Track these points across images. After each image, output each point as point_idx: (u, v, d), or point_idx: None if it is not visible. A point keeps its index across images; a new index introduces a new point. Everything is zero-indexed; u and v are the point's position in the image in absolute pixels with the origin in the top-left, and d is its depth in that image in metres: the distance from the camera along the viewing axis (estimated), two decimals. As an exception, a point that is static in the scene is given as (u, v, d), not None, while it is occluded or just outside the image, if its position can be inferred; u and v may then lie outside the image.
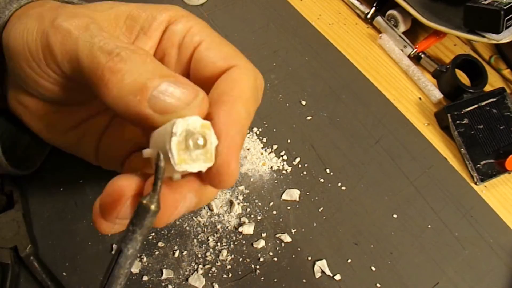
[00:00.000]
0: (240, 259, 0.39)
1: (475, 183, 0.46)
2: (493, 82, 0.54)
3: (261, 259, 0.39)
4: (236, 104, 0.23)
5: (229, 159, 0.21)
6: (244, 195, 0.42)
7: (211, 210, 0.41)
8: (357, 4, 0.57)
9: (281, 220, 0.41)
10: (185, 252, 0.39)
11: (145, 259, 0.38)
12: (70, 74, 0.25)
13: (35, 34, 0.25)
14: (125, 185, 0.21)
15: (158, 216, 0.20)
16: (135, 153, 0.30)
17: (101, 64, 0.22)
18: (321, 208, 0.43)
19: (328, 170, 0.45)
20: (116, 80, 0.21)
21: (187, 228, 0.40)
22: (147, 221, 0.20)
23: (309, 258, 0.40)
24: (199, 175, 0.22)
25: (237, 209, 0.41)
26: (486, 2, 0.47)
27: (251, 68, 0.26)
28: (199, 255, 0.39)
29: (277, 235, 0.40)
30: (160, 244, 0.39)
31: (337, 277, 0.39)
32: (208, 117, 0.22)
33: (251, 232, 0.40)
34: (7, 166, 0.32)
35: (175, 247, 0.39)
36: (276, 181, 0.43)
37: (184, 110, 0.21)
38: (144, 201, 0.20)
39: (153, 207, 0.20)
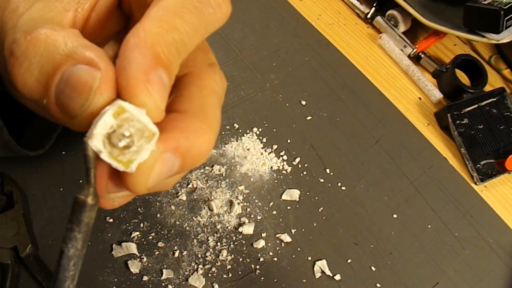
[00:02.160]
0: (240, 259, 0.39)
1: (475, 183, 0.46)
2: (493, 82, 0.54)
3: (261, 259, 0.39)
4: (145, 20, 0.18)
5: (133, 90, 0.17)
6: (244, 195, 0.42)
7: (211, 210, 0.41)
8: (357, 4, 0.57)
9: (281, 220, 0.41)
10: (185, 252, 0.39)
11: (145, 259, 0.38)
12: None
13: None
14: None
15: (132, 182, 0.18)
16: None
17: (7, 65, 0.19)
18: (321, 208, 0.43)
19: (328, 170, 0.45)
20: (20, 86, 0.19)
21: (187, 228, 0.40)
22: (84, 216, 0.18)
23: (309, 258, 0.40)
24: (173, 125, 0.19)
25: (237, 209, 0.41)
26: (486, 2, 0.47)
27: None
28: (199, 255, 0.39)
29: (277, 235, 0.40)
30: (160, 244, 0.39)
31: (337, 277, 0.39)
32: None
33: (251, 232, 0.40)
34: (15, 146, 0.30)
35: (175, 247, 0.39)
36: (276, 181, 0.43)
37: (88, 105, 0.17)
38: (79, 196, 0.18)
39: (89, 200, 0.18)
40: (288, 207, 0.42)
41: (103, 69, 0.18)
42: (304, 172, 0.44)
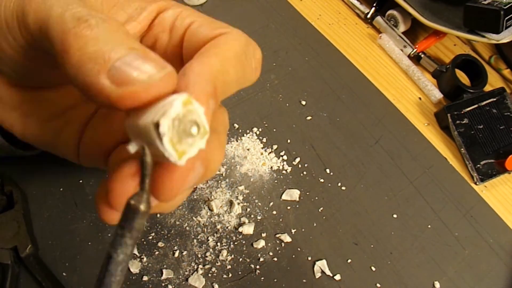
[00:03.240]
0: (240, 259, 0.39)
1: (475, 183, 0.46)
2: (493, 82, 0.54)
3: (261, 259, 0.39)
4: (211, 57, 0.21)
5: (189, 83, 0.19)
6: (244, 195, 0.42)
7: (211, 210, 0.41)
8: (357, 4, 0.57)
9: (281, 220, 0.41)
10: (185, 252, 0.39)
11: (145, 259, 0.38)
12: (40, 44, 0.22)
13: (12, 5, 0.22)
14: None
15: (166, 188, 0.19)
16: (121, 145, 0.27)
17: (67, 29, 0.19)
18: (321, 208, 0.43)
19: (328, 170, 0.45)
20: (78, 47, 0.19)
21: (187, 228, 0.40)
22: (136, 223, 0.18)
23: (309, 258, 0.40)
24: None
25: (237, 209, 0.41)
26: (486, 2, 0.47)
27: (242, 34, 0.24)
28: (199, 255, 0.39)
29: (277, 235, 0.40)
30: (160, 244, 0.39)
31: (337, 277, 0.39)
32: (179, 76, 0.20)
33: (251, 232, 0.40)
34: (9, 146, 0.30)
35: (175, 247, 0.39)
36: (276, 181, 0.43)
37: (146, 83, 0.18)
38: (132, 202, 0.18)
39: (142, 207, 0.18)
40: (288, 207, 0.42)
41: (173, 71, 0.19)
42: (304, 172, 0.44)
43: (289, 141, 0.46)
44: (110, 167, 0.26)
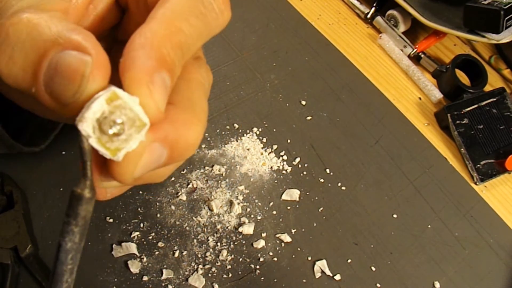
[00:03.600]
0: (240, 259, 0.39)
1: (475, 183, 0.46)
2: (493, 82, 0.54)
3: (261, 259, 0.39)
4: (152, 23, 0.18)
5: (136, 87, 0.17)
6: (244, 195, 0.42)
7: (211, 210, 0.41)
8: (357, 4, 0.57)
9: (281, 220, 0.41)
10: (185, 252, 0.39)
11: (145, 259, 0.38)
12: None
13: None
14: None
15: (118, 170, 0.18)
16: None
17: None
18: (321, 208, 0.43)
19: (328, 170, 0.45)
20: (4, 76, 0.18)
21: (187, 228, 0.40)
22: (81, 210, 0.17)
23: (309, 258, 0.40)
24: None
25: (237, 209, 0.41)
26: (486, 2, 0.47)
27: None
28: (199, 255, 0.39)
29: (277, 235, 0.40)
30: (160, 244, 0.39)
31: (337, 277, 0.39)
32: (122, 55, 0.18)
33: (251, 232, 0.40)
34: (8, 139, 0.29)
35: (175, 247, 0.39)
36: (276, 181, 0.43)
37: (79, 89, 0.17)
38: (76, 189, 0.17)
39: (86, 193, 0.17)
40: (288, 207, 0.42)
41: (94, 54, 0.17)
42: (304, 172, 0.44)
43: (289, 141, 0.46)
44: None
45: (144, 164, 0.18)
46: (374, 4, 0.56)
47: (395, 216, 0.43)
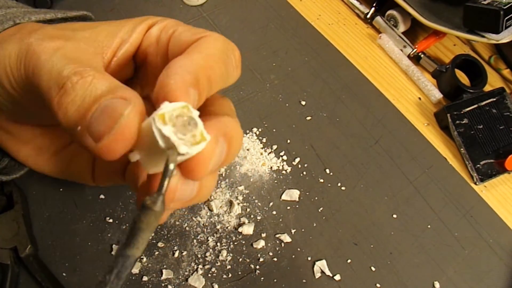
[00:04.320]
0: (240, 259, 0.39)
1: (475, 183, 0.46)
2: (493, 82, 0.54)
3: (261, 259, 0.39)
4: (194, 54, 0.23)
5: (168, 83, 0.21)
6: (244, 195, 0.42)
7: (210, 210, 0.41)
8: (357, 4, 0.57)
9: (281, 220, 0.41)
10: (184, 253, 0.39)
11: (144, 259, 0.38)
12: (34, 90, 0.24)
13: (13, 56, 0.24)
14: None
15: (197, 165, 0.20)
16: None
17: (52, 96, 0.22)
18: (321, 208, 0.43)
19: (328, 170, 0.45)
20: (62, 114, 0.21)
21: (187, 228, 0.40)
22: (150, 222, 0.19)
23: (309, 258, 0.40)
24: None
25: (237, 209, 0.41)
26: (485, 2, 0.47)
27: (220, 36, 0.25)
28: (199, 255, 0.39)
29: (277, 235, 0.40)
30: (160, 244, 0.39)
31: (337, 277, 0.39)
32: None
33: (251, 232, 0.40)
34: None
35: (175, 247, 0.39)
36: (276, 181, 0.43)
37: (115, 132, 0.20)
38: (148, 202, 0.19)
39: (156, 208, 0.19)
40: (288, 207, 0.42)
41: (135, 102, 0.20)
42: (304, 172, 0.44)
43: (289, 141, 0.46)
44: (129, 181, 0.28)
45: (215, 156, 0.21)
46: (374, 4, 0.56)
47: (395, 216, 0.43)
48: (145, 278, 0.37)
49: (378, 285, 0.40)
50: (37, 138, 0.30)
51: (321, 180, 0.44)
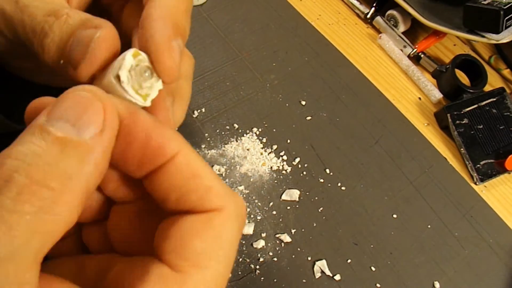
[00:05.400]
0: (240, 259, 0.39)
1: (475, 183, 0.46)
2: (493, 82, 0.54)
3: (261, 259, 0.39)
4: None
5: (157, 50, 0.21)
6: (244, 195, 0.42)
7: (211, 210, 0.41)
8: (357, 4, 0.57)
9: (281, 220, 0.41)
10: (185, 252, 0.39)
11: (145, 259, 0.38)
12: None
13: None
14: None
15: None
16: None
17: (33, 41, 0.23)
18: (321, 208, 0.43)
19: (328, 170, 0.45)
20: (46, 54, 0.22)
21: (187, 228, 0.40)
22: None
23: (309, 258, 0.40)
24: None
25: (237, 209, 0.41)
26: (485, 2, 0.47)
27: None
28: (199, 255, 0.39)
29: (277, 235, 0.40)
30: (160, 244, 0.39)
31: (337, 277, 0.39)
32: (140, 25, 0.23)
33: (251, 232, 0.40)
34: (2, 119, 0.32)
35: (175, 247, 0.39)
36: (276, 181, 0.43)
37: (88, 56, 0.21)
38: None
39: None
40: (288, 207, 0.42)
41: (106, 27, 0.21)
42: (304, 172, 0.44)
43: (289, 141, 0.46)
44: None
45: (175, 51, 0.22)
46: (374, 4, 0.56)
47: (395, 216, 0.43)
48: (145, 278, 0.37)
49: (378, 285, 0.39)
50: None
51: (321, 180, 0.44)
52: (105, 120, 0.17)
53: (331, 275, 0.39)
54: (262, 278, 0.38)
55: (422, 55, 0.53)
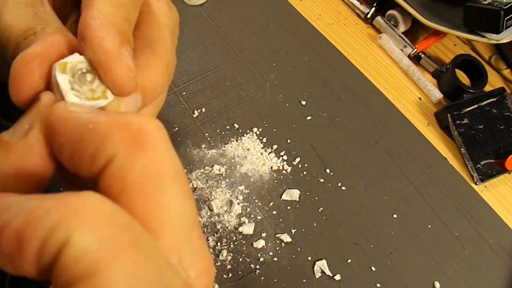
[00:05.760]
0: (240, 259, 0.39)
1: (475, 183, 0.46)
2: (493, 82, 0.54)
3: (261, 259, 0.39)
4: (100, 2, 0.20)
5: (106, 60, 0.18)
6: (244, 195, 0.42)
7: (211, 210, 0.41)
8: (357, 4, 0.57)
9: (281, 220, 0.41)
10: (185, 252, 0.39)
11: (145, 259, 0.38)
12: None
13: None
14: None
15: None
16: None
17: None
18: (321, 208, 0.43)
19: (328, 170, 0.45)
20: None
21: (187, 228, 0.40)
22: None
23: (309, 258, 0.40)
24: None
25: (237, 209, 0.41)
26: (486, 2, 0.47)
27: None
28: (199, 255, 0.39)
29: (277, 235, 0.40)
30: (160, 244, 0.39)
31: (337, 277, 0.39)
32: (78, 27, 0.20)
33: (251, 232, 0.40)
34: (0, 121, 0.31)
35: (175, 247, 0.39)
36: (276, 181, 0.43)
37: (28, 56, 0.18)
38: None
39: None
40: (288, 207, 0.42)
41: (38, 42, 0.19)
42: (304, 172, 0.44)
43: (289, 141, 0.46)
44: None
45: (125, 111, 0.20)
46: (374, 4, 0.56)
47: (395, 216, 0.43)
48: (145, 278, 0.37)
49: (378, 285, 0.40)
50: None
51: (321, 180, 0.44)
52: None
53: (331, 275, 0.39)
54: (262, 278, 0.38)
55: (422, 55, 0.53)
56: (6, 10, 0.21)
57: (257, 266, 0.39)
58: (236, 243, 0.40)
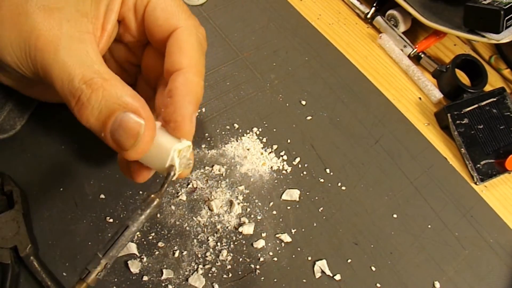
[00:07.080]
0: (240, 259, 0.39)
1: (475, 183, 0.46)
2: (493, 82, 0.54)
3: (261, 259, 0.39)
4: (188, 74, 0.30)
5: (183, 121, 0.29)
6: (244, 195, 0.42)
7: (211, 210, 0.41)
8: (357, 4, 0.57)
9: (281, 220, 0.41)
10: (185, 252, 0.39)
11: (145, 259, 0.38)
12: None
13: (15, 47, 0.27)
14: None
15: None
16: None
17: (72, 105, 0.27)
18: (321, 208, 0.43)
19: (328, 170, 0.45)
20: (84, 121, 0.27)
21: (187, 228, 0.40)
22: (151, 209, 0.27)
23: (309, 258, 0.40)
24: None
25: (237, 209, 0.41)
26: (486, 2, 0.47)
27: (191, 25, 0.31)
28: (199, 255, 0.39)
29: (277, 235, 0.40)
30: (160, 244, 0.39)
31: (337, 277, 0.39)
32: (168, 93, 0.29)
33: (251, 232, 0.40)
34: None
35: (175, 247, 0.39)
36: (276, 181, 0.43)
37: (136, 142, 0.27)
38: (153, 195, 0.27)
39: (157, 200, 0.27)
40: (288, 207, 0.42)
41: (146, 118, 0.26)
42: (304, 172, 0.44)
43: (289, 141, 0.46)
44: (122, 165, 0.35)
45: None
46: (374, 4, 0.56)
47: (395, 216, 0.43)
48: (145, 278, 0.37)
49: (378, 285, 0.40)
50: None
51: (322, 180, 0.44)
52: None
53: (331, 275, 0.39)
54: (262, 278, 0.38)
55: (422, 55, 0.53)
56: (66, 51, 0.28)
57: (257, 266, 0.39)
58: (236, 243, 0.40)
